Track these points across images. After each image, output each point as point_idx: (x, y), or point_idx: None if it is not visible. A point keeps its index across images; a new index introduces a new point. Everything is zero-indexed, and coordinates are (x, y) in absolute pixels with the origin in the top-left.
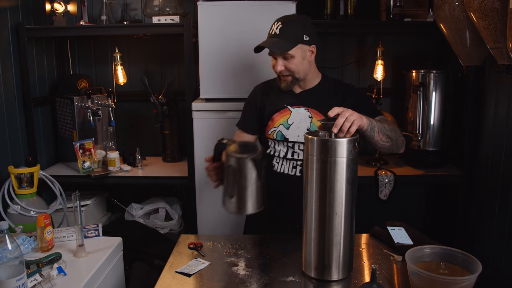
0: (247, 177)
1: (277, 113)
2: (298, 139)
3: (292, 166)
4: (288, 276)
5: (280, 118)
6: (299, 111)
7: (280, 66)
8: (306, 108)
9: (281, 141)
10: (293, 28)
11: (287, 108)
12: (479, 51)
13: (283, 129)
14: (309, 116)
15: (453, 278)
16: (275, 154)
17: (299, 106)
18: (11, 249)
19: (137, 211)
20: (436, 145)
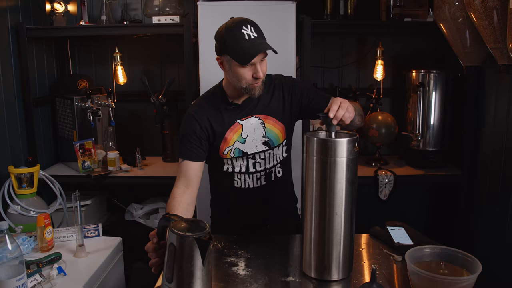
0: (189, 259)
1: (228, 131)
2: (257, 149)
3: (256, 178)
4: (288, 276)
5: (233, 135)
6: (250, 121)
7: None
8: (256, 116)
9: (240, 157)
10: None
11: (237, 123)
12: (479, 51)
13: (239, 145)
14: (261, 123)
15: (453, 278)
16: (234, 170)
17: (248, 117)
18: (11, 249)
19: (137, 211)
20: (436, 145)
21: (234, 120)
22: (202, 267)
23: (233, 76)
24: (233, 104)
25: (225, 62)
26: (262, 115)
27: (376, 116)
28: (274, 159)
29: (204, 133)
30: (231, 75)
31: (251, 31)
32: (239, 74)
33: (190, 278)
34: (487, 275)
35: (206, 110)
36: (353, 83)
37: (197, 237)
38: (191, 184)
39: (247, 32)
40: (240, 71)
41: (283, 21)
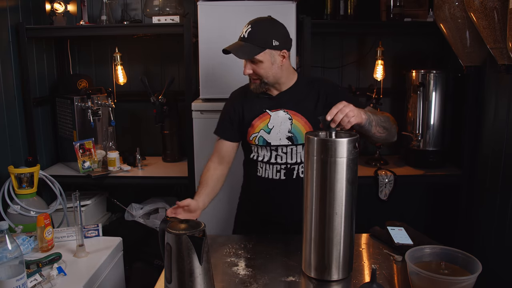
0: (186, 258)
1: (256, 119)
2: (281, 142)
3: (276, 170)
4: (288, 276)
5: (260, 123)
6: (279, 114)
7: (248, 69)
8: (285, 111)
9: (264, 146)
10: (262, 32)
11: (266, 113)
12: (479, 51)
13: (264, 134)
14: (289, 118)
15: (453, 278)
16: (258, 159)
17: (277, 109)
18: (11, 249)
19: (137, 211)
20: (436, 145)
21: (264, 109)
22: (199, 265)
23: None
24: (267, 94)
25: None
26: (291, 110)
27: None
28: (298, 156)
29: (236, 115)
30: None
31: (246, 30)
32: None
33: (189, 277)
34: (487, 275)
35: (243, 95)
36: (353, 83)
37: (190, 234)
38: (223, 161)
39: (243, 30)
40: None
41: (283, 21)
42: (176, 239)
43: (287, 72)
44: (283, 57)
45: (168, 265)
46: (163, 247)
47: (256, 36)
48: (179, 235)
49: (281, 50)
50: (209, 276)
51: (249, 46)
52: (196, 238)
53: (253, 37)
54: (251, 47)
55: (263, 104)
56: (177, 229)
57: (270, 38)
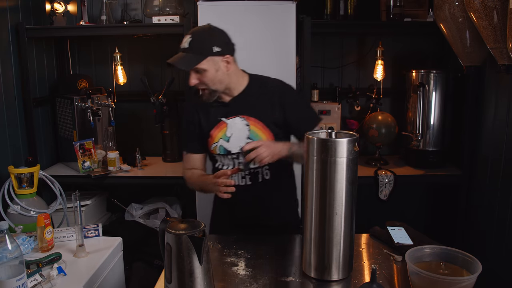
0: (185, 258)
1: (213, 129)
2: (237, 150)
3: (241, 177)
4: (288, 276)
5: (218, 132)
6: (235, 121)
7: (194, 79)
8: (242, 117)
9: (225, 155)
10: (201, 41)
11: (222, 121)
12: (479, 51)
13: (223, 142)
14: (246, 124)
15: (453, 278)
16: (223, 167)
17: (234, 116)
18: (11, 249)
19: (137, 211)
20: (436, 145)
21: (219, 117)
22: (199, 265)
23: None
24: (219, 102)
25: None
26: (247, 116)
27: (376, 116)
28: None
29: (195, 127)
30: None
31: (186, 41)
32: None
33: (189, 277)
34: (487, 275)
35: (197, 106)
36: (353, 83)
37: (190, 234)
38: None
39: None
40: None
41: (283, 21)
42: (176, 239)
43: (236, 76)
44: (227, 63)
45: (168, 265)
46: (163, 247)
47: (196, 45)
48: (179, 235)
49: (224, 56)
50: (209, 276)
51: (190, 56)
52: (196, 238)
53: (193, 46)
54: (192, 57)
55: (217, 112)
56: (177, 229)
57: (211, 45)
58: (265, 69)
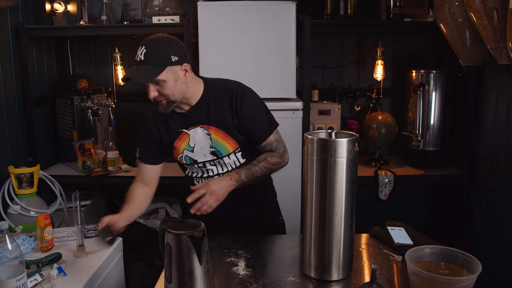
0: (185, 258)
1: (176, 140)
2: (206, 158)
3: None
4: (288, 276)
5: (181, 143)
6: (196, 131)
7: (153, 92)
8: (202, 126)
9: (192, 164)
10: (158, 51)
11: (184, 132)
12: (479, 51)
13: (188, 153)
14: (207, 133)
15: (453, 278)
16: (193, 175)
17: (194, 127)
18: (11, 249)
19: None
20: (436, 145)
21: (180, 129)
22: (199, 265)
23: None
24: (178, 113)
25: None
26: (208, 125)
27: (376, 116)
28: (228, 165)
29: (155, 139)
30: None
31: (141, 53)
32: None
33: (189, 277)
34: (487, 275)
35: (157, 118)
36: (353, 83)
37: (190, 234)
38: (148, 183)
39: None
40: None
41: (283, 21)
42: (176, 239)
43: (193, 84)
44: (186, 71)
45: (168, 265)
46: (163, 247)
47: (152, 56)
48: (179, 235)
49: (182, 64)
50: (209, 276)
51: (148, 68)
52: (196, 238)
53: (150, 57)
54: (150, 69)
55: (178, 124)
56: (177, 229)
57: (168, 54)
58: (265, 69)
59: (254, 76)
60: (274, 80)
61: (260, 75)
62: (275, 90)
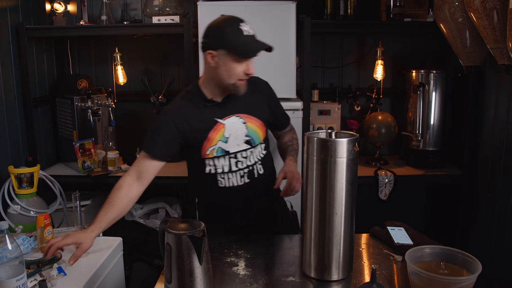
0: (185, 258)
1: (211, 131)
2: (239, 148)
3: (240, 176)
4: (288, 276)
5: (216, 134)
6: (232, 120)
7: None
8: (237, 115)
9: (222, 156)
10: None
11: (219, 123)
12: (479, 51)
13: (222, 144)
14: (243, 122)
15: (453, 278)
16: (217, 171)
17: (229, 116)
18: (11, 249)
19: (137, 211)
20: (436, 145)
21: (215, 118)
22: (199, 265)
23: (224, 71)
24: (212, 101)
25: (217, 56)
26: (243, 114)
27: (376, 116)
28: (255, 156)
29: (179, 134)
30: (221, 70)
31: (249, 28)
32: (231, 69)
33: (189, 277)
34: (487, 275)
35: (185, 109)
36: (353, 83)
37: (190, 234)
38: (142, 179)
39: (245, 28)
40: (233, 66)
41: (283, 21)
42: (176, 239)
43: None
44: None
45: (168, 265)
46: (163, 247)
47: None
48: (179, 235)
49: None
50: (209, 276)
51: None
52: (196, 238)
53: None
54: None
55: (211, 113)
56: (177, 229)
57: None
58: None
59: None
60: (274, 80)
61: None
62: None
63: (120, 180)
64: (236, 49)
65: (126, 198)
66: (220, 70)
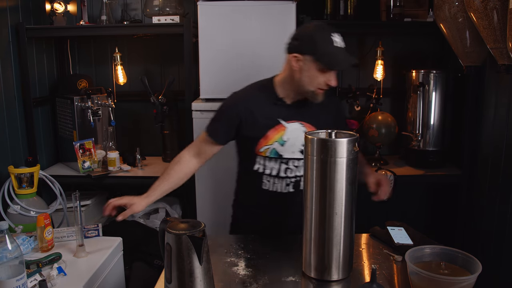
0: (185, 258)
1: (271, 130)
2: (293, 155)
3: (286, 184)
4: (288, 276)
5: (275, 134)
6: (294, 126)
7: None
8: (301, 123)
9: (274, 158)
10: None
11: (281, 124)
12: (479, 51)
13: (277, 146)
14: (304, 131)
15: (453, 278)
16: (265, 172)
17: (293, 121)
18: (11, 249)
19: None
20: (436, 145)
21: (278, 118)
22: (199, 265)
23: (306, 77)
24: (282, 101)
25: (303, 61)
26: (307, 123)
27: (376, 116)
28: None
29: (239, 121)
30: (304, 75)
31: (340, 39)
32: (314, 77)
33: (189, 277)
34: (487, 275)
35: (254, 100)
36: (353, 83)
37: (190, 234)
38: (200, 157)
39: (336, 39)
40: (316, 74)
41: (283, 21)
42: (176, 239)
43: None
44: None
45: (168, 265)
46: (163, 247)
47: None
48: (179, 235)
49: None
50: (209, 276)
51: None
52: (196, 238)
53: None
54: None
55: (277, 113)
56: (177, 229)
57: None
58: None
59: (254, 76)
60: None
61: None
62: None
63: (180, 153)
64: (324, 59)
65: (182, 172)
66: (302, 75)
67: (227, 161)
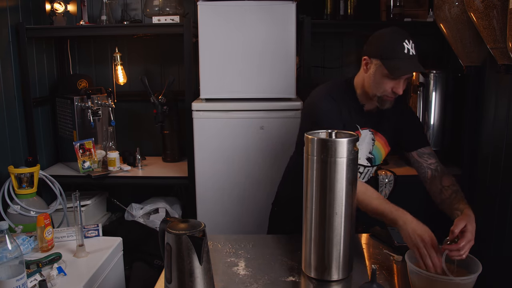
0: (185, 258)
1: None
2: (359, 162)
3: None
4: (288, 276)
5: None
6: (365, 133)
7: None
8: (371, 130)
9: None
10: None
11: (358, 130)
12: (479, 51)
13: None
14: (372, 139)
15: (453, 278)
16: None
17: (366, 128)
18: (11, 249)
19: (137, 211)
20: (436, 145)
21: (357, 124)
22: (199, 265)
23: (373, 82)
24: (361, 106)
25: (372, 65)
26: (376, 130)
27: None
28: (367, 176)
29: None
30: (371, 79)
31: (411, 47)
32: (380, 82)
33: (189, 277)
34: (487, 275)
35: (343, 102)
36: None
37: (190, 234)
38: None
39: (408, 46)
40: (382, 80)
41: (283, 21)
42: (176, 239)
43: None
44: None
45: (168, 265)
46: (163, 247)
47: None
48: (179, 235)
49: None
50: (209, 276)
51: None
52: (196, 238)
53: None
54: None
55: (357, 118)
56: (177, 229)
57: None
58: (265, 69)
59: (254, 76)
60: (274, 80)
61: (260, 75)
62: (275, 90)
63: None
64: (389, 64)
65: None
66: (370, 79)
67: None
